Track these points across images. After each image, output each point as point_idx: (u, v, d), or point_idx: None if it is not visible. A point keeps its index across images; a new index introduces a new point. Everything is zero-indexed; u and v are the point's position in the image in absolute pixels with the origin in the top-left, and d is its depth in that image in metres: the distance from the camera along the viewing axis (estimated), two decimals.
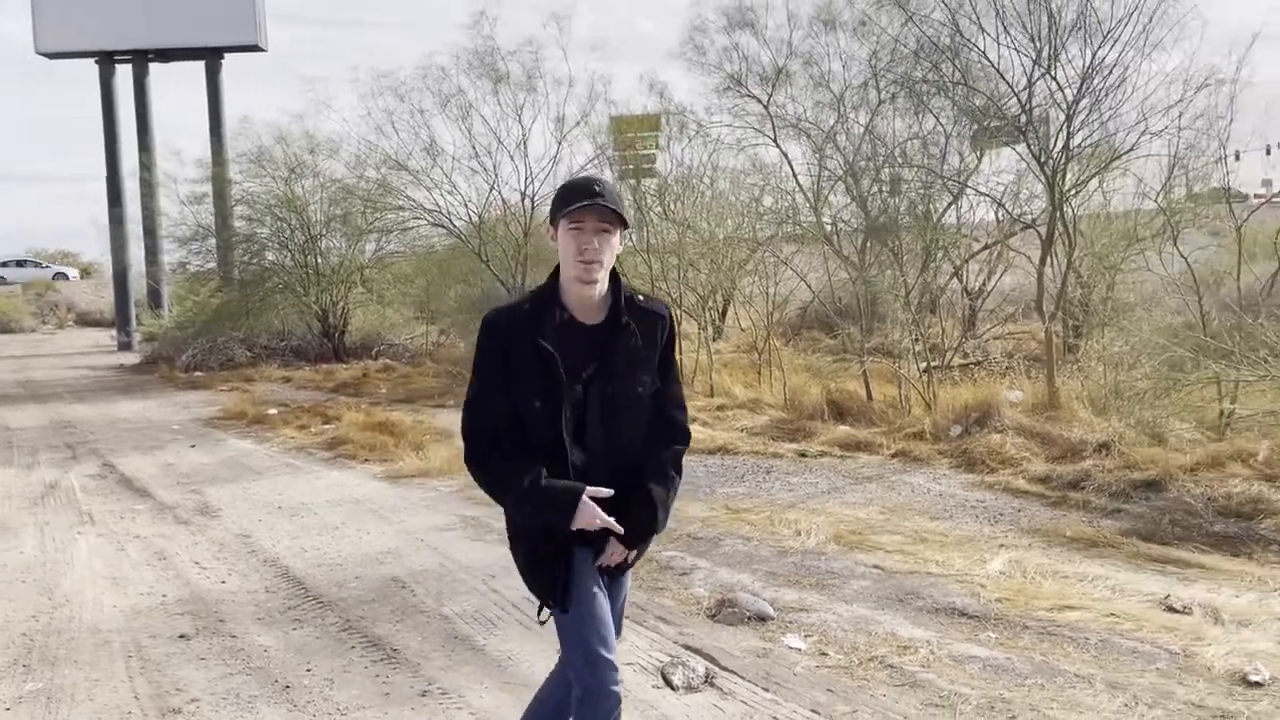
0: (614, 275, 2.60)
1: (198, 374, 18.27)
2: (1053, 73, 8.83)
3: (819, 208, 13.85)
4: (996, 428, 8.57)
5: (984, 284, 15.03)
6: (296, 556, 6.28)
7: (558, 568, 2.56)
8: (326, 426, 11.50)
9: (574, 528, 2.49)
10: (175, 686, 4.26)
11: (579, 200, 2.47)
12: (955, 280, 14.37)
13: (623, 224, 2.52)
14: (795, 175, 14.13)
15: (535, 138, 28.46)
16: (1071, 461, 7.49)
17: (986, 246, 14.23)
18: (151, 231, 23.99)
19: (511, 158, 16.40)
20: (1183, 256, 8.83)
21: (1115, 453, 7.47)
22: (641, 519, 2.62)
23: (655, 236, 15.48)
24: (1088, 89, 8.66)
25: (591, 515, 2.49)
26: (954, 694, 3.92)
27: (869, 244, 12.57)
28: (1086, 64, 8.62)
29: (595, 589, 2.60)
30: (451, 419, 12.10)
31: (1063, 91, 8.92)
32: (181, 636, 4.88)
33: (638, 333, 2.59)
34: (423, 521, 7.11)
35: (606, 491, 2.52)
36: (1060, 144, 8.84)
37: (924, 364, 10.30)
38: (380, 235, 19.88)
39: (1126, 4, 8.41)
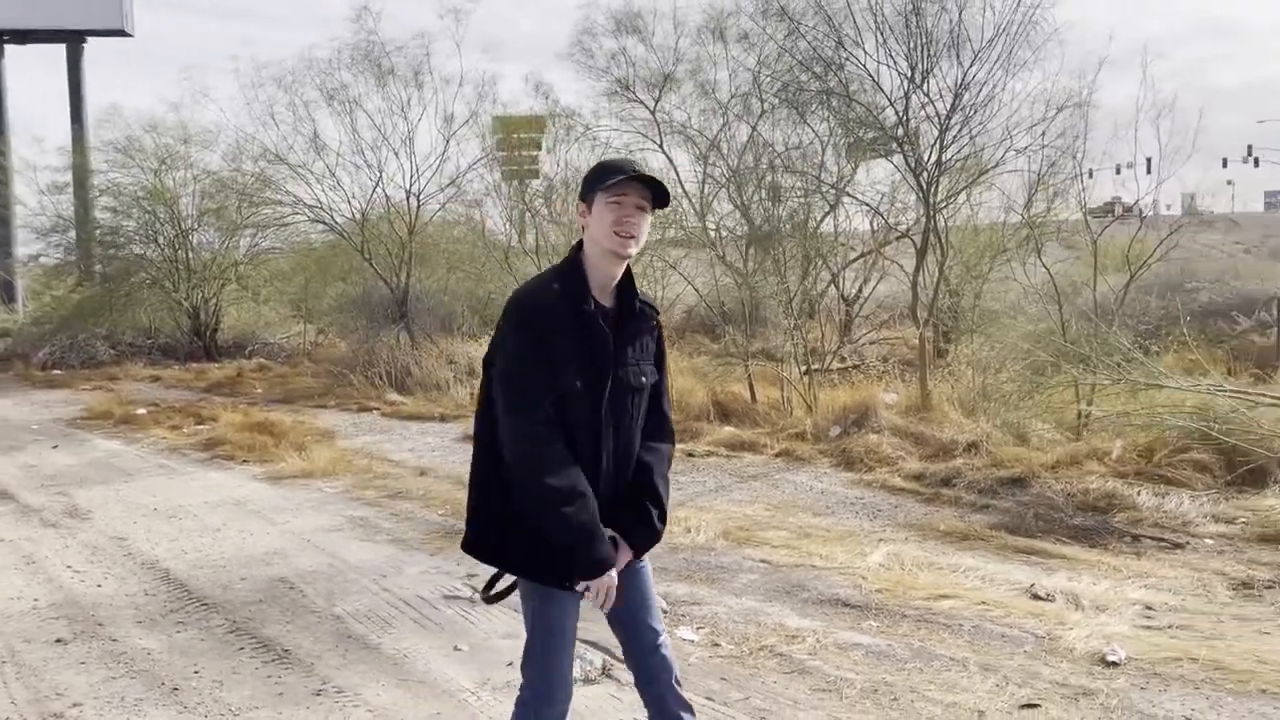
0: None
1: (56, 372, 17.32)
2: (926, 88, 9.28)
3: (704, 214, 14.15)
4: (874, 428, 8.93)
5: (860, 290, 15.59)
6: (177, 559, 6.07)
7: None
8: (201, 427, 11.09)
9: (581, 588, 2.46)
10: (55, 691, 4.08)
11: (620, 174, 2.45)
12: (833, 286, 14.89)
13: (661, 203, 2.49)
14: (681, 181, 14.38)
15: (422, 135, 28.10)
16: (943, 460, 7.87)
17: (863, 255, 14.79)
18: (5, 221, 22.63)
19: (397, 154, 16.16)
20: (1045, 267, 9.40)
21: (983, 452, 7.89)
22: (654, 527, 2.60)
23: (543, 239, 15.50)
24: (959, 105, 9.14)
25: (608, 588, 2.45)
26: (840, 679, 4.11)
27: (752, 250, 12.92)
28: (958, 81, 9.10)
29: (572, 606, 2.59)
30: (334, 419, 11.86)
31: (935, 106, 9.39)
32: (58, 641, 4.67)
33: (648, 319, 2.59)
34: (308, 522, 6.96)
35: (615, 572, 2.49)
36: (934, 157, 9.29)
37: (805, 367, 10.64)
38: (256, 230, 19.25)
39: (993, 26, 8.92)
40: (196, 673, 4.26)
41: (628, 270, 2.54)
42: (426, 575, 5.68)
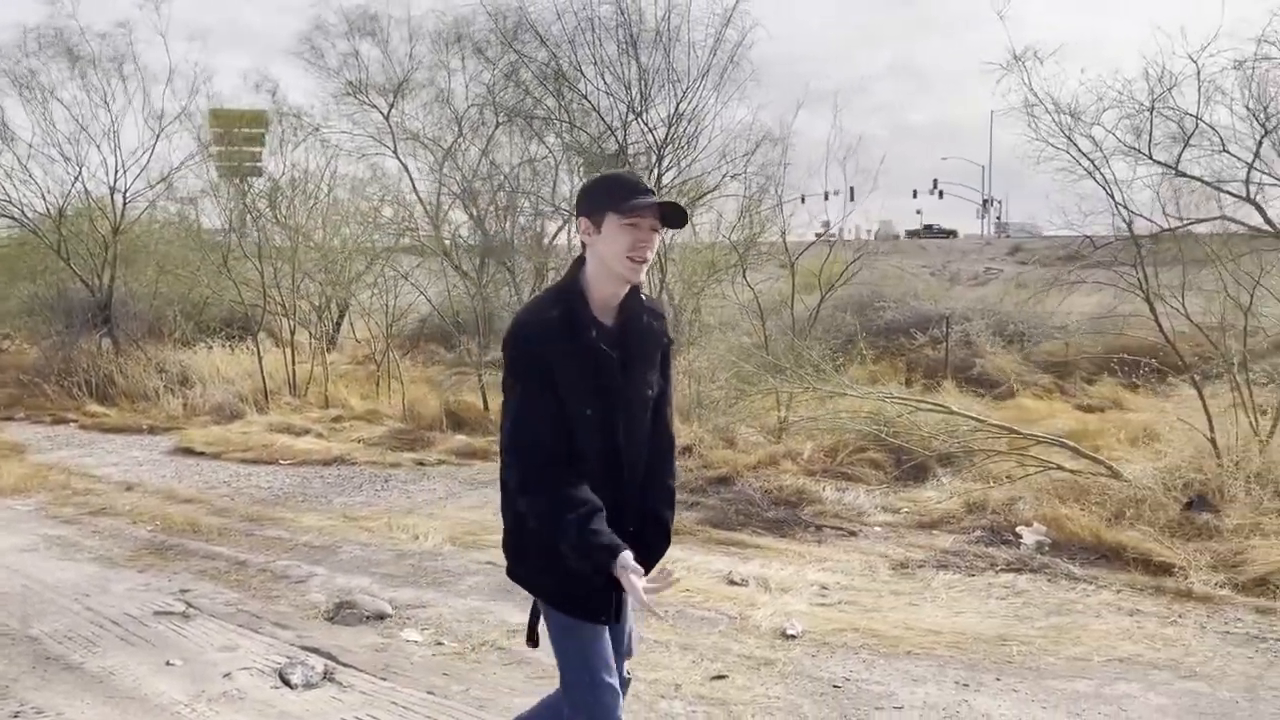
0: None
1: None
2: (644, 117, 9.94)
3: (439, 223, 14.17)
4: None
5: None
6: None
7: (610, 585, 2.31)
8: None
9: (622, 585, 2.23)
10: None
11: (637, 196, 2.32)
12: None
13: (678, 224, 2.40)
14: (416, 189, 14.32)
15: (129, 129, 26.01)
16: None
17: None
18: None
19: (99, 148, 14.95)
20: (749, 286, 10.30)
21: (697, 454, 8.56)
22: (659, 548, 2.55)
23: (266, 241, 14.89)
24: (673, 134, 9.86)
25: (632, 587, 2.19)
26: (554, 667, 4.42)
27: (486, 261, 13.12)
28: (671, 111, 9.82)
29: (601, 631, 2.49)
30: (25, 432, 10.86)
31: (653, 134, 10.07)
32: None
33: (654, 333, 2.51)
34: None
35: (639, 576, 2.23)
36: (653, 180, 9.95)
37: None
38: None
39: (699, 64, 9.74)
40: None
41: (633, 286, 2.43)
42: (135, 592, 5.45)
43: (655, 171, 9.81)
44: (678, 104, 9.65)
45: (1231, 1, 7.13)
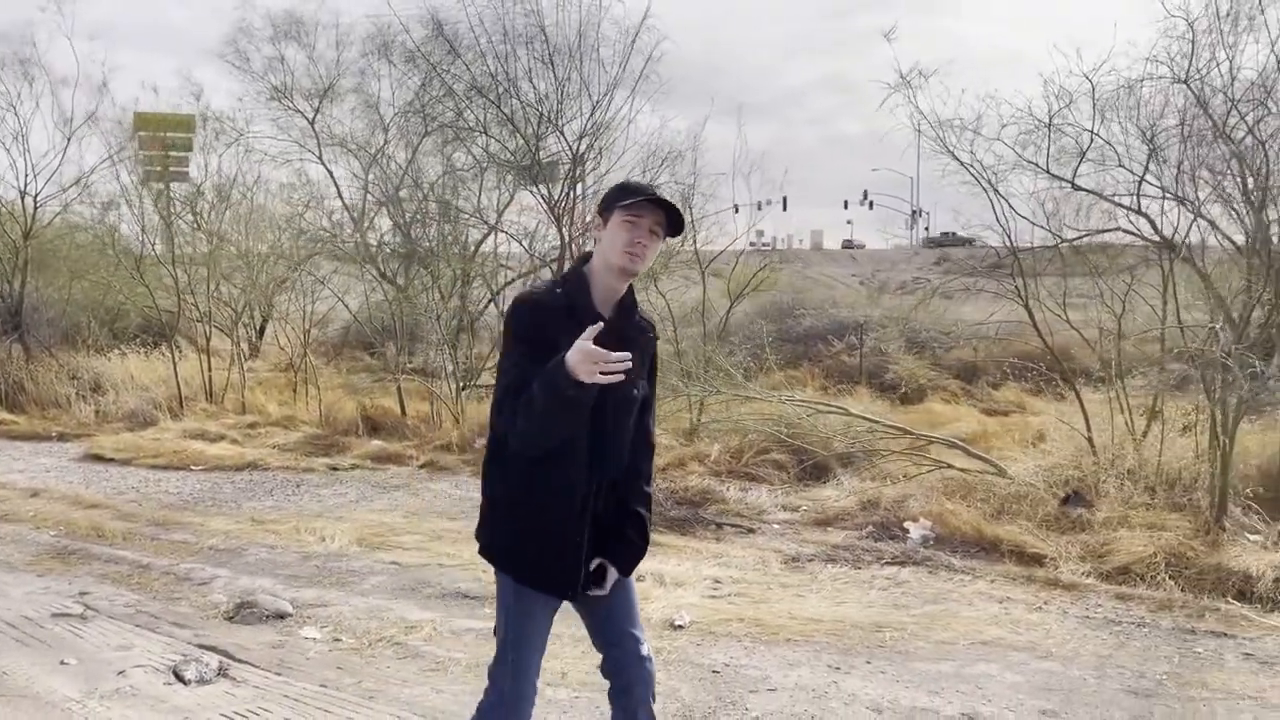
0: None
1: None
2: (562, 128, 10.16)
3: (363, 229, 14.16)
4: None
5: None
6: None
7: (580, 554, 2.51)
8: None
9: (585, 379, 2.24)
10: None
11: (639, 196, 2.49)
12: (493, 305, 15.48)
13: (674, 230, 2.54)
14: (341, 194, 14.29)
15: (38, 132, 25.41)
16: None
17: (520, 276, 15.48)
18: None
19: (8, 151, 14.64)
20: (661, 295, 10.55)
21: None
22: (637, 546, 2.67)
23: (184, 246, 14.73)
24: (589, 145, 10.08)
25: (592, 358, 2.22)
26: (449, 659, 4.57)
27: (411, 268, 13.16)
28: (584, 124, 10.06)
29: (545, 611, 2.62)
30: None
31: (571, 145, 10.28)
32: None
33: (647, 334, 2.62)
34: None
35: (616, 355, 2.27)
36: (566, 190, 10.18)
37: (458, 383, 11.08)
38: None
39: (612, 77, 9.99)
40: None
41: (630, 287, 2.57)
42: (33, 596, 5.45)
43: (571, 181, 10.01)
44: (591, 115, 9.87)
45: (1123, 23, 7.57)
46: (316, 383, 12.08)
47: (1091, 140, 7.75)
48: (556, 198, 10.22)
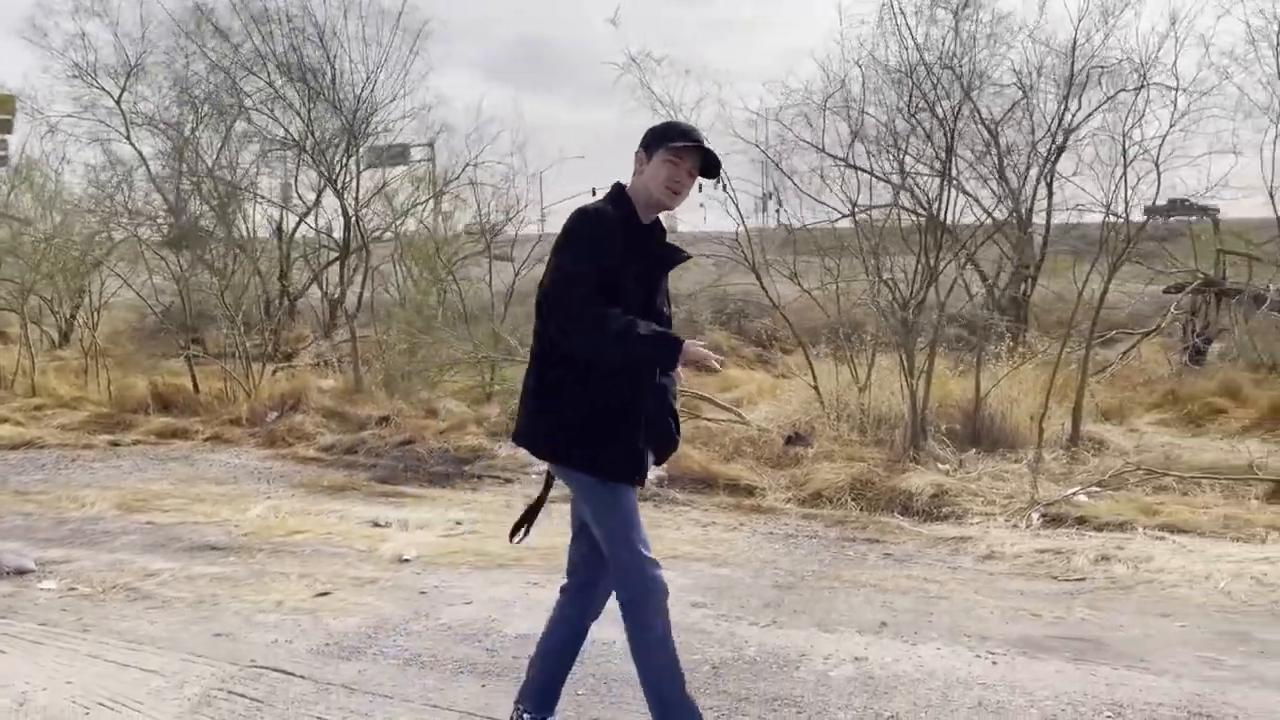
0: None
1: None
2: (339, 106, 10.43)
3: (180, 210, 13.91)
4: (306, 411, 9.80)
5: (343, 291, 16.18)
6: None
7: (645, 447, 2.82)
8: None
9: (680, 365, 2.70)
10: None
11: (685, 140, 2.78)
12: (316, 286, 15.47)
13: (710, 175, 2.82)
14: (152, 175, 13.95)
15: None
16: (356, 433, 8.97)
17: (338, 258, 15.50)
18: None
19: None
20: (469, 280, 10.96)
21: (394, 424, 9.12)
22: (674, 439, 2.96)
23: None
24: (357, 120, 10.38)
25: (701, 359, 2.66)
26: (175, 598, 4.90)
27: (217, 250, 13.06)
28: (354, 99, 10.37)
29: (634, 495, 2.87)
30: None
31: (344, 119, 10.54)
32: None
33: (679, 251, 2.91)
34: None
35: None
36: (346, 164, 10.45)
37: (248, 359, 11.15)
38: None
39: (375, 58, 10.33)
40: None
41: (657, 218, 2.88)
42: None
43: (345, 157, 10.28)
44: (359, 92, 10.16)
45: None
46: (107, 364, 11.91)
47: (862, 122, 8.53)
48: (336, 172, 10.45)
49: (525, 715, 3.03)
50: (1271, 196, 6.52)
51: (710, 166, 2.82)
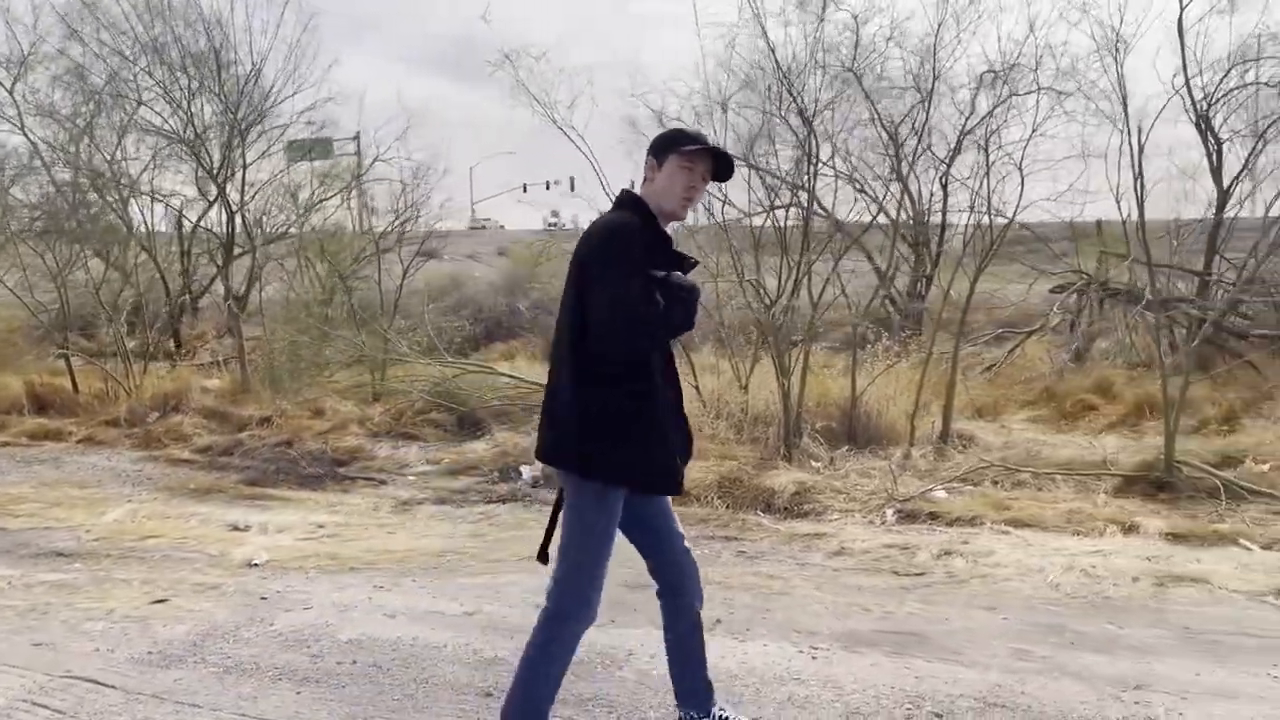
0: None
1: None
2: (223, 95, 10.20)
3: (76, 207, 13.44)
4: (187, 411, 9.57)
5: (248, 290, 15.83)
6: None
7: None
8: None
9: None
10: None
11: (696, 144, 2.73)
12: (220, 283, 15.10)
13: (723, 177, 2.80)
14: (48, 167, 13.44)
15: None
16: (235, 433, 8.78)
17: (245, 253, 15.15)
18: None
19: None
20: (368, 279, 10.79)
21: (275, 424, 8.95)
22: (690, 440, 2.94)
23: None
24: (245, 115, 10.17)
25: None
26: (5, 606, 4.74)
27: (114, 246, 12.67)
28: (237, 92, 10.15)
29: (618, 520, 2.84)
30: None
31: (231, 114, 10.31)
32: None
33: (689, 260, 2.88)
34: None
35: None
36: (234, 158, 10.24)
37: (134, 361, 10.86)
38: None
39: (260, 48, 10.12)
40: None
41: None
42: None
43: (228, 149, 10.07)
44: (243, 85, 9.95)
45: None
46: None
47: (765, 122, 8.55)
48: (218, 165, 10.22)
49: (692, 715, 3.11)
50: (1118, 202, 6.74)
51: (723, 169, 2.81)
